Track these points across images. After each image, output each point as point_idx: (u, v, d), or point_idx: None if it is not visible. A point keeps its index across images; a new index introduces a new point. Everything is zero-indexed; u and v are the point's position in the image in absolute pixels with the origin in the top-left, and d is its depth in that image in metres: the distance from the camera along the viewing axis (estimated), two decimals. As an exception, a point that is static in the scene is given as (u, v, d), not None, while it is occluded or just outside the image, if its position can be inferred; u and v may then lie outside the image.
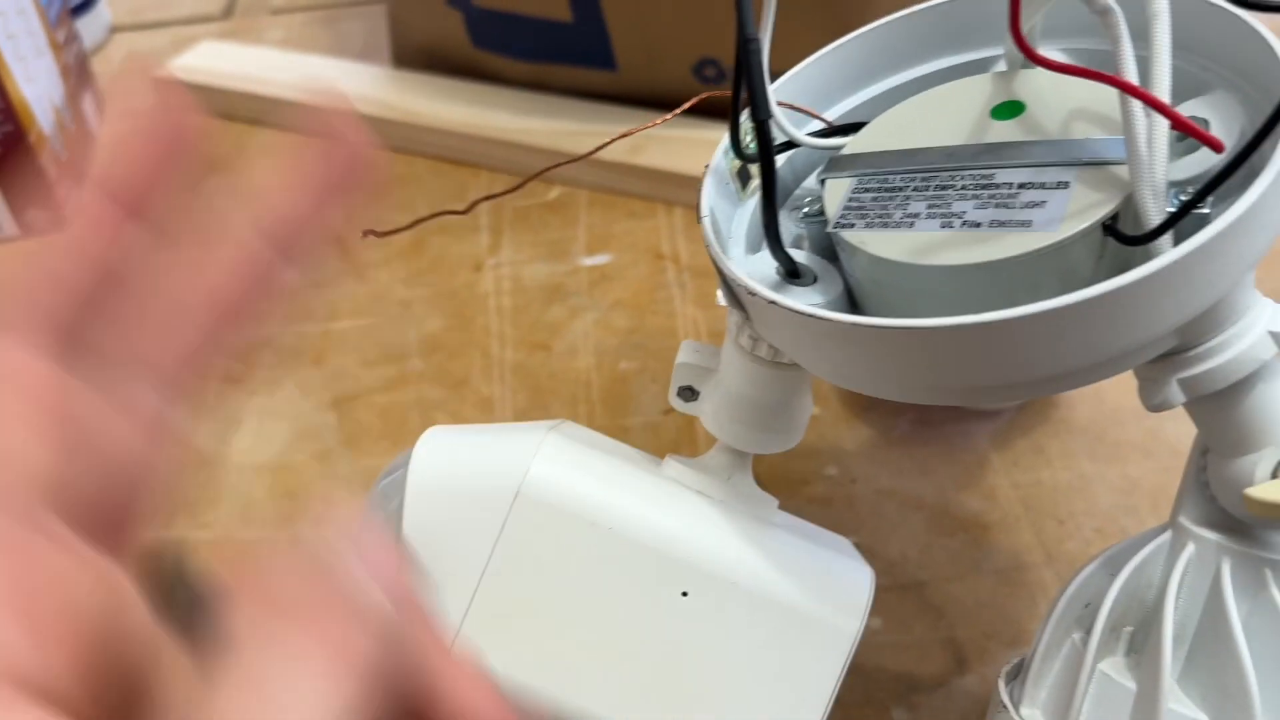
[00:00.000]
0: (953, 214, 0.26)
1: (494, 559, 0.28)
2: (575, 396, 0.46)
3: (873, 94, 0.32)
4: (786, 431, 0.30)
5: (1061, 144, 0.26)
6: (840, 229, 0.27)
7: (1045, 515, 0.40)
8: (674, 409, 0.32)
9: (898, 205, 0.27)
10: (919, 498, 0.41)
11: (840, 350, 0.25)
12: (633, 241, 0.54)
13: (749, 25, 0.24)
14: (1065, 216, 0.24)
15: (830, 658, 0.28)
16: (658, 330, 0.49)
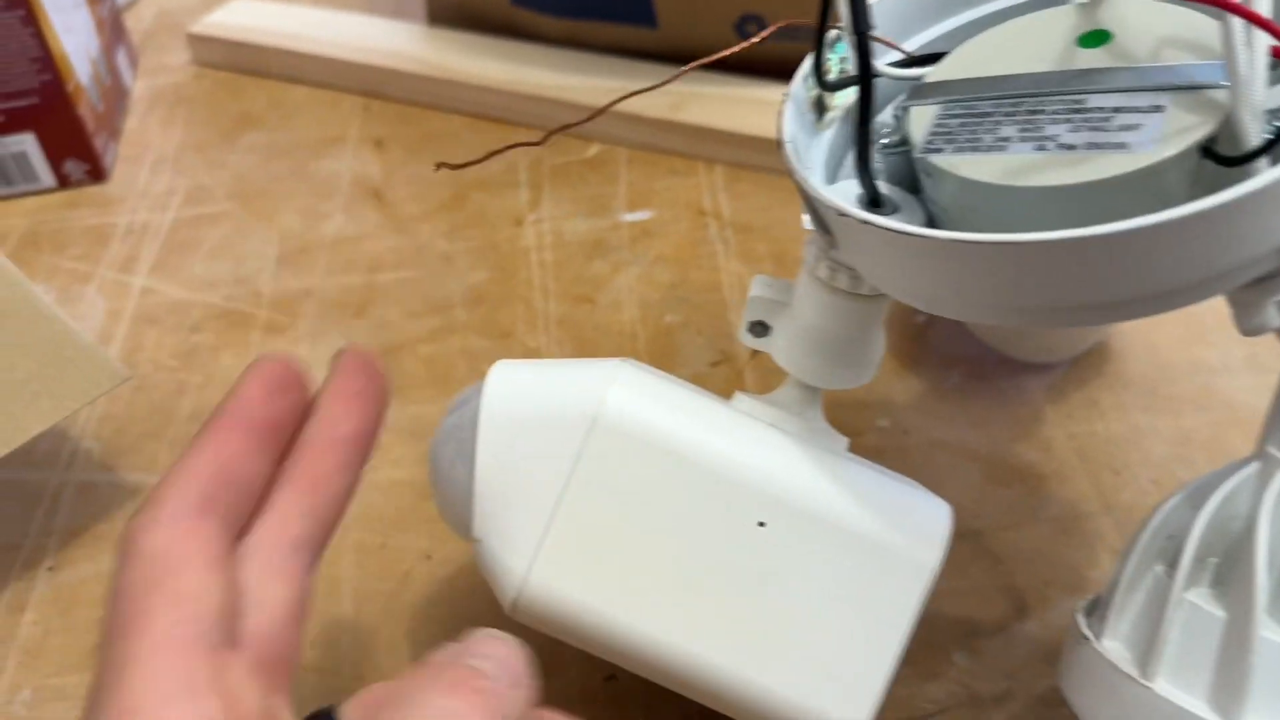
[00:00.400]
0: (1045, 137, 0.25)
1: (570, 487, 0.28)
2: (621, 349, 0.46)
3: (950, 27, 0.32)
4: (860, 366, 0.30)
5: (1154, 70, 0.26)
6: (928, 154, 0.27)
7: (1101, 466, 0.40)
8: (723, 360, 0.32)
9: (987, 130, 0.26)
10: (973, 449, 0.41)
11: (932, 271, 0.24)
12: (673, 198, 0.54)
13: None
14: (1161, 138, 0.24)
15: (909, 590, 0.28)
16: (701, 285, 0.49)
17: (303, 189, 0.56)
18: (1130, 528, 0.38)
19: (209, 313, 0.49)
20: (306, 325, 0.48)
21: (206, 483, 0.24)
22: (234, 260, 0.52)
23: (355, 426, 0.28)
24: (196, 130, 0.60)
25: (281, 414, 0.27)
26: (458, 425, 0.30)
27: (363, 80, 0.62)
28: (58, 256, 0.52)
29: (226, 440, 0.25)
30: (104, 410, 0.44)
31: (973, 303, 0.25)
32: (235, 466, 0.25)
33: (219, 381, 0.46)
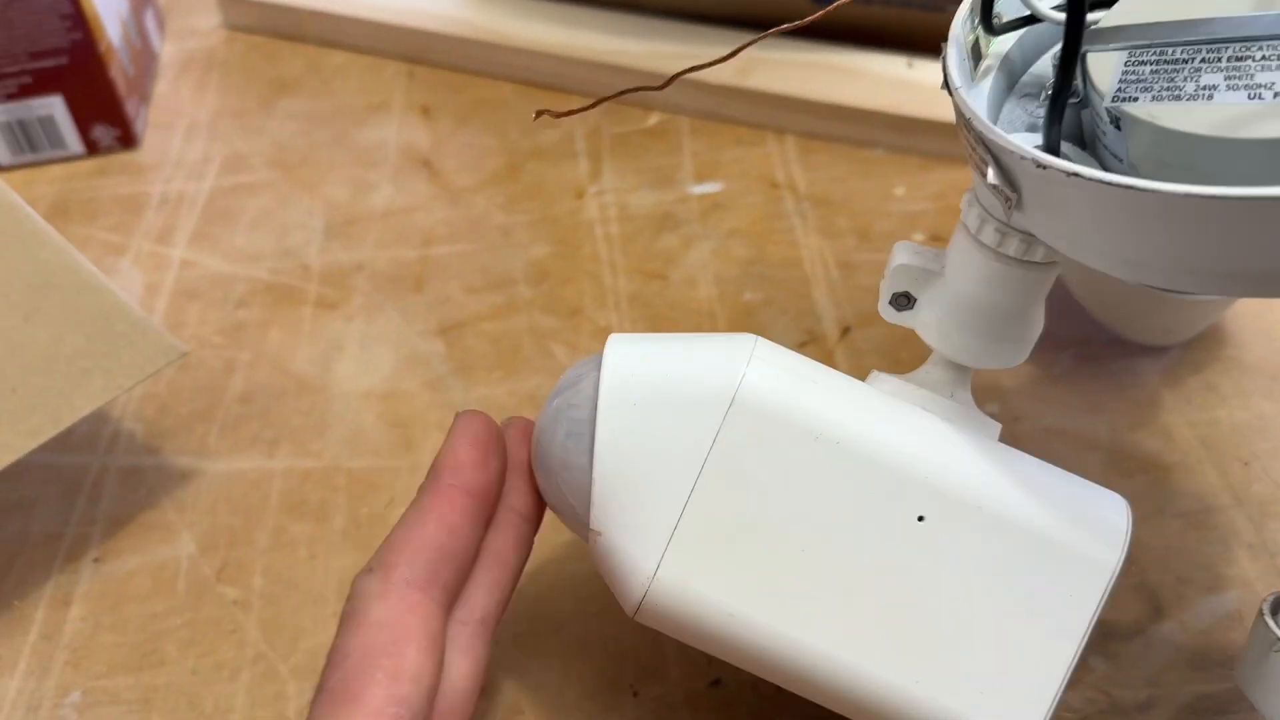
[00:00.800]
0: (1259, 85, 0.23)
1: (705, 473, 0.25)
2: (700, 327, 0.43)
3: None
4: (1018, 343, 0.27)
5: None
6: (1121, 103, 0.24)
7: (1228, 456, 0.37)
8: (810, 340, 0.29)
9: (1186, 78, 0.24)
10: (1091, 437, 0.38)
11: (1146, 231, 0.22)
12: (743, 170, 0.51)
13: None
14: None
15: (1088, 594, 0.25)
16: (781, 261, 0.46)
17: (347, 158, 0.53)
18: (1265, 521, 0.35)
19: (254, 286, 0.46)
20: (360, 300, 0.45)
21: (433, 554, 0.26)
22: (278, 231, 0.49)
23: (531, 500, 0.29)
24: (231, 96, 0.57)
25: (492, 480, 0.28)
26: (571, 405, 0.27)
27: (406, 45, 0.58)
28: (89, 227, 0.49)
29: (450, 509, 0.27)
30: (146, 390, 0.41)
31: (1186, 268, 0.22)
32: (457, 537, 0.26)
33: (268, 359, 0.43)
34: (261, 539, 0.37)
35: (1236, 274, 0.22)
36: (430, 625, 0.25)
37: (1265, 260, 0.21)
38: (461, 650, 0.27)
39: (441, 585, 0.26)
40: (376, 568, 0.26)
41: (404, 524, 0.26)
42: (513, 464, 0.29)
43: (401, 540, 0.26)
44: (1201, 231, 0.21)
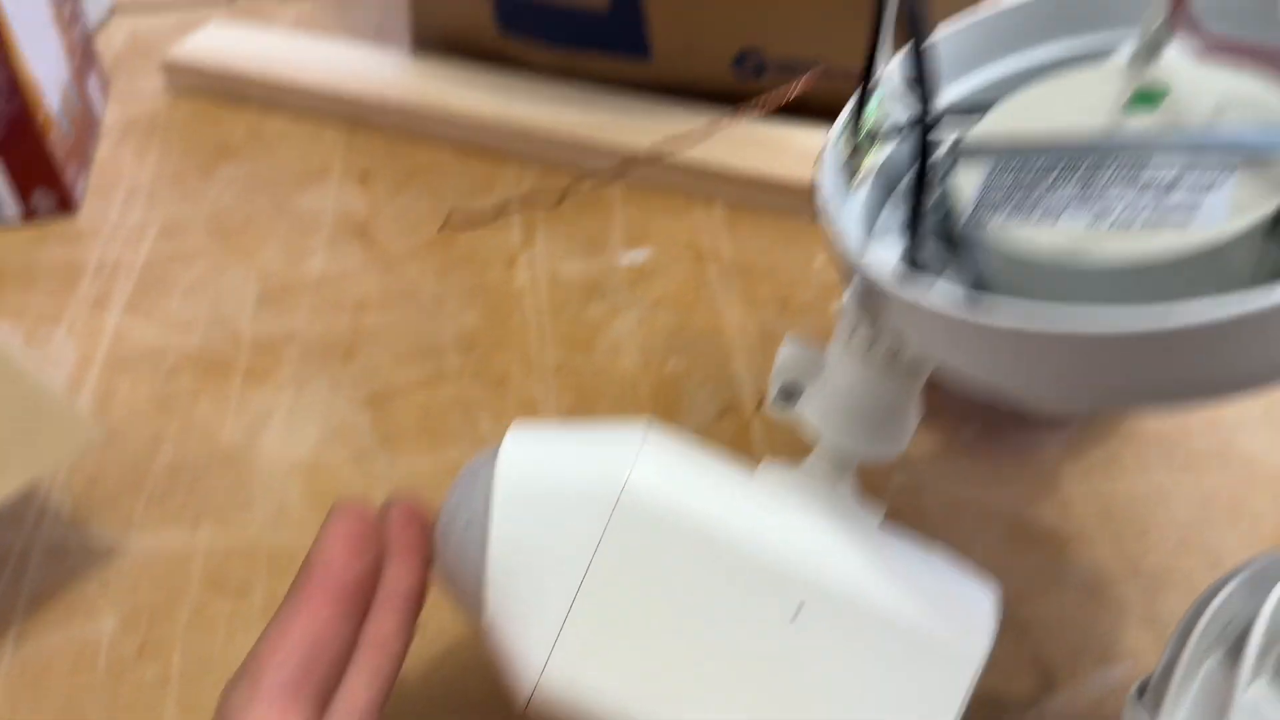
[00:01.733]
0: (1103, 207, 0.24)
1: (593, 569, 0.26)
2: (623, 398, 0.44)
3: (990, 78, 0.31)
4: (896, 438, 0.29)
5: (1213, 135, 0.24)
6: (980, 217, 0.25)
7: (1125, 527, 0.39)
8: (729, 410, 0.30)
9: (1039, 196, 0.25)
10: (993, 509, 0.39)
11: (994, 353, 0.23)
12: (671, 238, 0.52)
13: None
14: (1225, 214, 0.23)
15: (955, 684, 0.26)
16: (704, 330, 0.47)
17: (284, 224, 0.54)
18: (1159, 594, 0.37)
19: (186, 356, 0.47)
20: (290, 370, 0.46)
21: (301, 658, 0.25)
22: (212, 300, 0.49)
23: (413, 583, 0.28)
24: (172, 161, 0.58)
25: (364, 575, 0.27)
26: (469, 497, 0.28)
27: (346, 110, 0.60)
28: (25, 294, 0.50)
29: (319, 610, 0.26)
30: (75, 462, 0.42)
31: (1032, 388, 0.24)
32: (327, 639, 0.26)
33: (197, 430, 0.43)
34: (182, 616, 0.37)
35: (1075, 393, 0.23)
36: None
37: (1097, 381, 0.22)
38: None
39: (314, 685, 0.25)
40: (244, 675, 0.25)
41: (273, 625, 0.26)
42: (394, 547, 0.28)
43: (270, 645, 0.26)
44: (1036, 357, 0.22)
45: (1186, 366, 0.21)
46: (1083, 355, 0.22)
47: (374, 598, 0.28)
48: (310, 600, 0.26)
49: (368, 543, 0.28)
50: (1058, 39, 0.30)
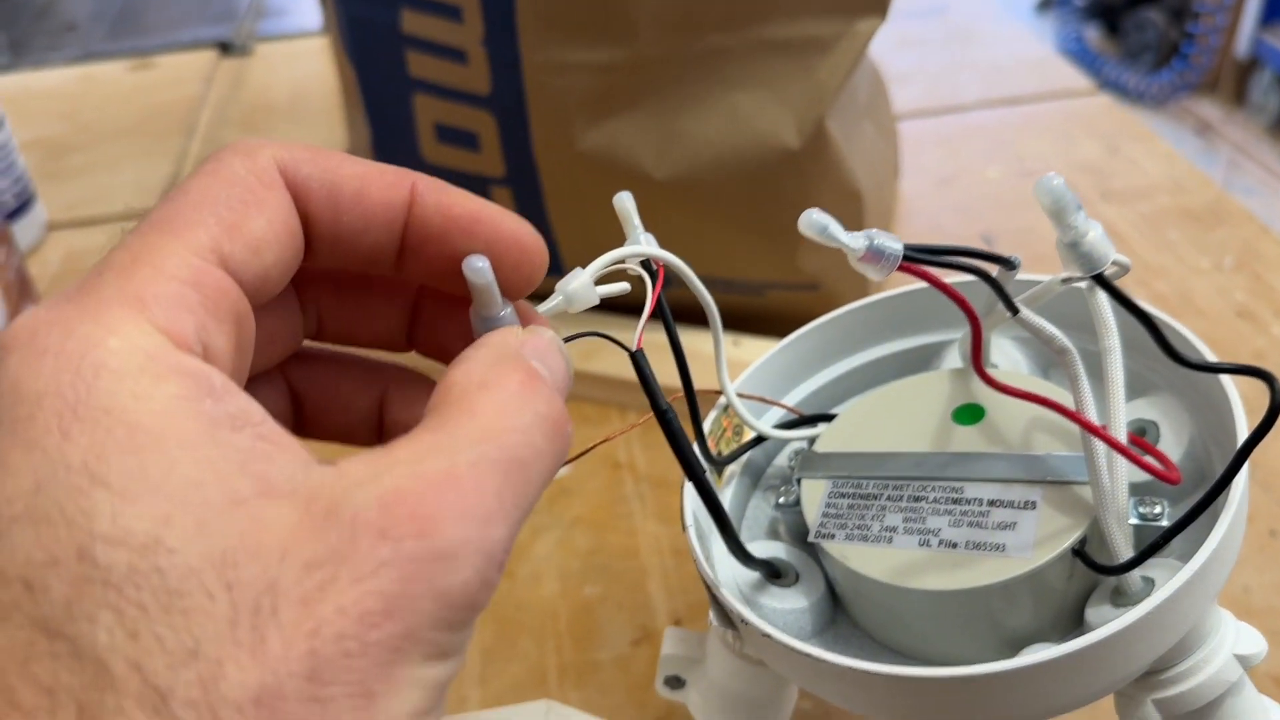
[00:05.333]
0: (928, 530, 0.27)
1: None
2: (543, 629, 0.46)
3: (835, 374, 0.34)
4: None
5: (1025, 459, 0.27)
6: (822, 539, 0.28)
7: None
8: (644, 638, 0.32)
9: (874, 516, 0.28)
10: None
11: (826, 680, 0.25)
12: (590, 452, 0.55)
13: (659, 399, 0.25)
14: (1036, 541, 0.25)
15: None
16: (620, 550, 0.50)
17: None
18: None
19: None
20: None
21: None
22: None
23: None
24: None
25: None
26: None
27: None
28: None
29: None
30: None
31: (867, 710, 0.26)
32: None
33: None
34: None
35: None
36: (290, 213, 0.21)
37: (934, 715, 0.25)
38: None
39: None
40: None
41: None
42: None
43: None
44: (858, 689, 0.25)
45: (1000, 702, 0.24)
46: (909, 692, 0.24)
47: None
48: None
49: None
50: (897, 339, 0.33)
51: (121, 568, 0.16)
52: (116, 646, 0.15)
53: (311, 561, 0.16)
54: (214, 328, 0.19)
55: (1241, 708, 0.25)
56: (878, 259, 0.23)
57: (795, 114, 0.51)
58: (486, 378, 0.20)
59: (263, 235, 0.20)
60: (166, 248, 0.19)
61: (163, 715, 0.15)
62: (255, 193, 0.20)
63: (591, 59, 0.50)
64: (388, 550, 0.16)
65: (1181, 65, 2.24)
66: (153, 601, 0.15)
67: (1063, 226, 0.22)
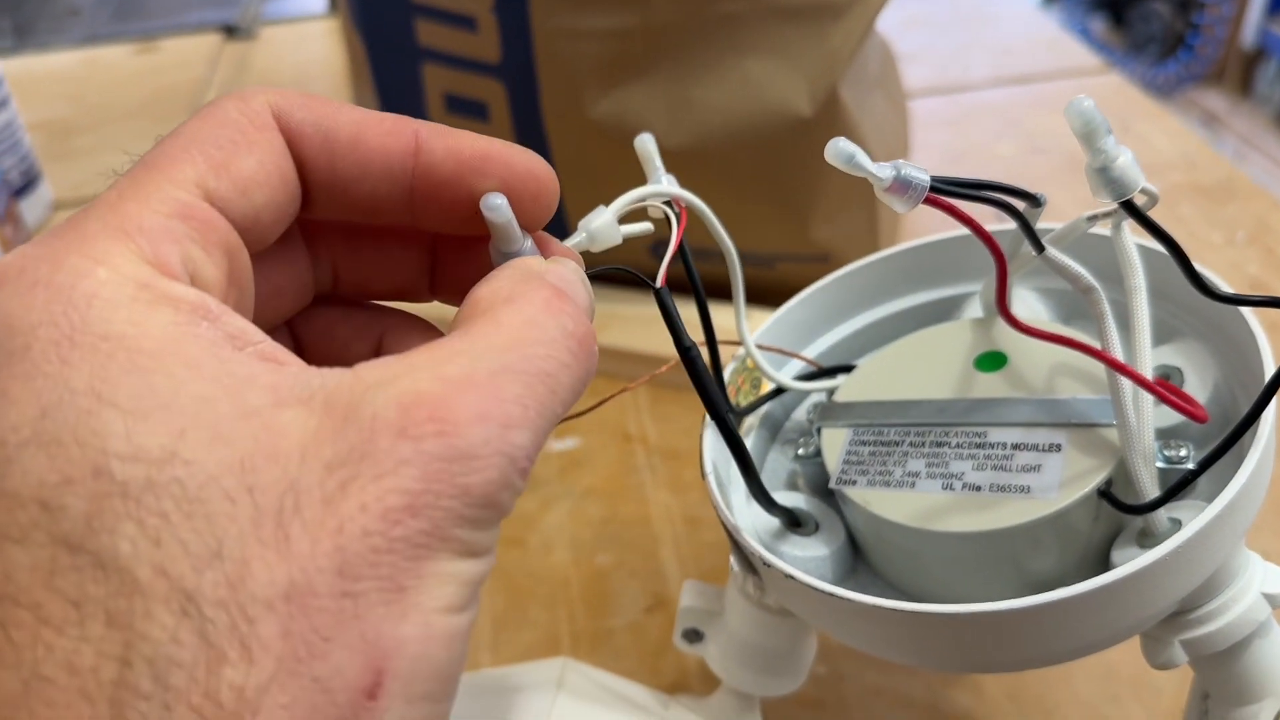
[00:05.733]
0: (951, 474, 0.27)
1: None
2: (555, 598, 0.46)
3: (854, 329, 0.33)
4: (793, 674, 0.31)
5: (1049, 403, 0.27)
6: (844, 485, 0.28)
7: (1032, 707, 0.40)
8: (657, 604, 0.32)
9: (896, 462, 0.27)
10: (909, 695, 0.41)
11: (850, 621, 0.25)
12: (600, 424, 0.54)
13: (683, 336, 0.25)
14: (1061, 483, 0.25)
15: None
16: (632, 519, 0.49)
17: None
18: (1066, 775, 0.38)
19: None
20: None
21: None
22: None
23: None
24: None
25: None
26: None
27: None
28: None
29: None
30: None
31: (894, 652, 0.26)
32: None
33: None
34: None
35: (931, 661, 0.25)
36: (283, 157, 0.21)
37: (944, 654, 0.25)
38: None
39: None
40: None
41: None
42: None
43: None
44: (882, 627, 0.24)
45: (1026, 639, 0.23)
46: (934, 631, 0.24)
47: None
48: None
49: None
50: (919, 291, 0.33)
51: (139, 481, 0.16)
52: (140, 555, 0.15)
53: (332, 462, 0.16)
54: (202, 258, 0.19)
55: (1269, 650, 0.25)
56: (904, 189, 0.22)
57: (808, 81, 0.50)
58: (513, 293, 0.20)
59: (252, 175, 0.20)
60: (152, 183, 0.19)
61: (192, 616, 0.15)
62: (246, 134, 0.20)
63: (603, 25, 0.50)
64: (408, 449, 0.16)
65: (1187, 56, 2.24)
66: (174, 509, 0.15)
67: (1093, 150, 0.21)
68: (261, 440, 0.16)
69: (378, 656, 0.15)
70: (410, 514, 0.16)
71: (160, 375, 0.16)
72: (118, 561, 0.15)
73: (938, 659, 0.25)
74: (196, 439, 0.16)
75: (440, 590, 0.16)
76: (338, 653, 0.15)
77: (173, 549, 0.15)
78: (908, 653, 0.25)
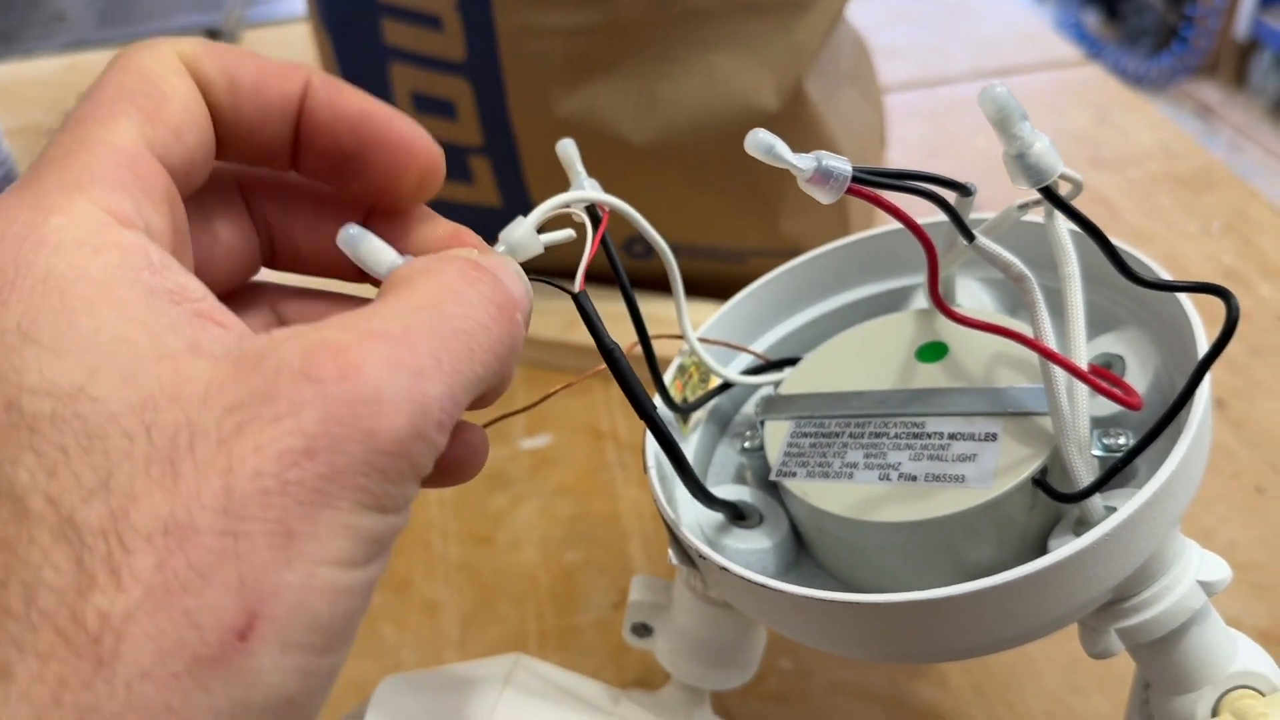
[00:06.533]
0: (889, 465, 0.26)
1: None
2: (523, 595, 0.46)
3: (802, 321, 0.33)
4: (742, 666, 0.31)
5: (986, 392, 0.27)
6: (783, 477, 0.28)
7: (995, 700, 0.40)
8: (624, 600, 0.32)
9: (835, 453, 0.27)
10: (873, 689, 0.41)
11: (785, 614, 0.25)
12: (571, 420, 0.54)
13: (604, 337, 0.25)
14: (996, 471, 0.25)
15: None
16: (602, 516, 0.49)
17: None
18: (1029, 766, 0.38)
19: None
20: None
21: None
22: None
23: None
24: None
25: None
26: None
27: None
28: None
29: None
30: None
31: (832, 644, 0.26)
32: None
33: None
34: None
35: (883, 653, 0.25)
36: (200, 101, 0.21)
37: (898, 645, 0.24)
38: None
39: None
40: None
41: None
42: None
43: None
44: (817, 618, 0.24)
45: (959, 629, 0.23)
46: (865, 621, 0.24)
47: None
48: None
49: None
50: (866, 283, 0.33)
51: (45, 415, 0.16)
52: (36, 485, 0.16)
53: (232, 405, 0.16)
54: (150, 208, 0.19)
55: (1206, 638, 0.25)
56: (825, 180, 0.22)
57: (774, 75, 0.50)
58: (429, 266, 0.20)
59: (180, 119, 0.20)
60: (96, 136, 0.19)
61: (73, 543, 0.15)
62: (167, 80, 0.21)
63: (567, 22, 0.50)
64: (310, 391, 0.16)
65: (1181, 48, 2.23)
66: (73, 444, 0.16)
67: (1008, 137, 0.21)
68: (167, 382, 0.16)
69: (253, 599, 0.15)
70: (307, 457, 0.16)
71: (86, 316, 0.17)
72: (14, 490, 0.16)
73: (872, 649, 0.25)
74: (107, 378, 0.16)
75: (334, 542, 0.16)
76: (212, 590, 0.15)
77: (66, 480, 0.15)
78: (841, 644, 0.25)
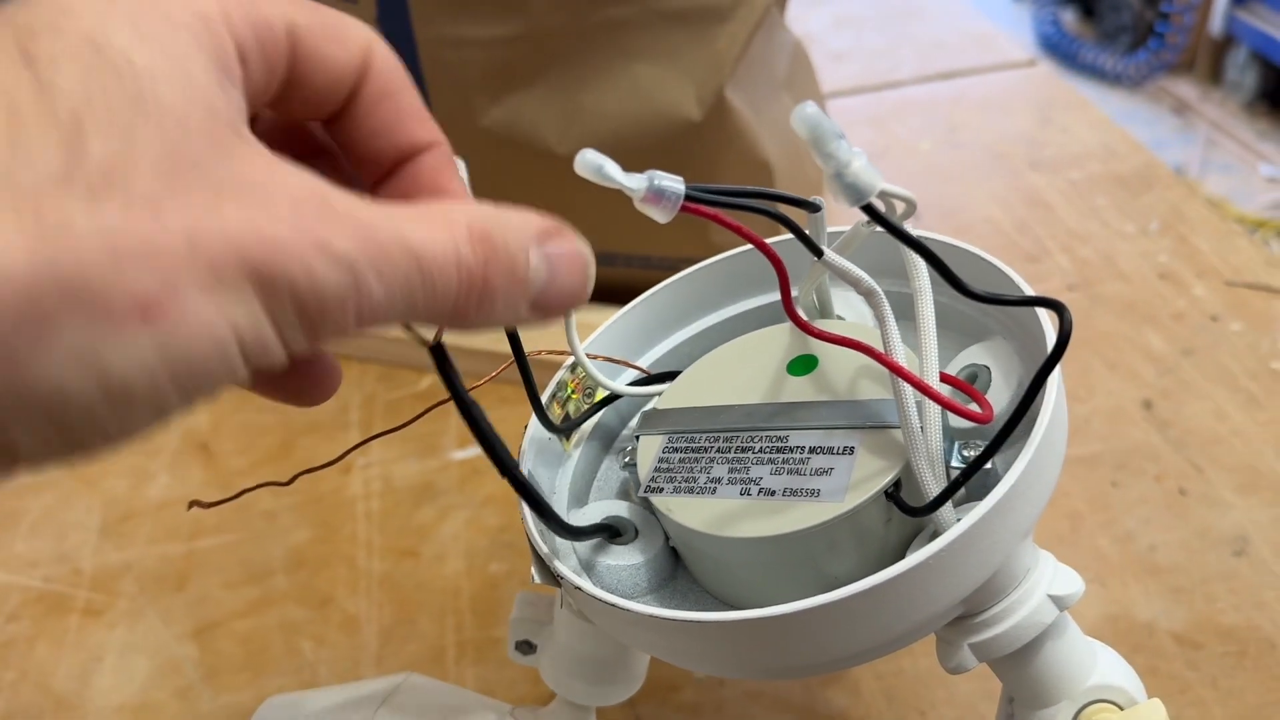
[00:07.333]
0: (750, 480, 0.26)
1: None
2: (444, 608, 0.46)
3: (692, 333, 0.33)
4: (625, 682, 0.31)
5: (847, 405, 0.27)
6: (650, 493, 0.28)
7: (908, 707, 0.40)
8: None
9: (702, 469, 0.27)
10: (786, 698, 0.41)
11: (645, 633, 0.25)
12: (503, 430, 0.54)
13: (463, 394, 0.24)
14: (849, 486, 0.25)
15: None
16: (528, 527, 0.49)
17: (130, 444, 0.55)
18: (937, 774, 0.38)
19: (27, 597, 0.48)
20: (125, 605, 0.47)
21: None
22: (56, 534, 0.51)
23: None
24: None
25: None
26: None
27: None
28: None
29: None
30: (-96, 723, 0.43)
31: (692, 661, 0.26)
32: None
33: (32, 677, 0.44)
34: None
35: (740, 669, 0.25)
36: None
37: (753, 661, 0.24)
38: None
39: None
40: None
41: None
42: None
43: None
44: (675, 638, 0.24)
45: (809, 643, 0.23)
46: (712, 640, 0.24)
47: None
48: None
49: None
50: (751, 296, 0.33)
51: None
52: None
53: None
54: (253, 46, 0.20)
55: (1063, 650, 0.25)
56: (659, 199, 0.22)
57: (695, 84, 0.50)
58: (491, 212, 0.20)
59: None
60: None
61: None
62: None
63: (486, 33, 0.50)
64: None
65: (1157, 45, 2.23)
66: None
67: (823, 156, 0.21)
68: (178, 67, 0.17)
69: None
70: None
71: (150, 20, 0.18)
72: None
73: (727, 666, 0.25)
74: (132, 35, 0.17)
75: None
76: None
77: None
78: (696, 660, 0.25)
